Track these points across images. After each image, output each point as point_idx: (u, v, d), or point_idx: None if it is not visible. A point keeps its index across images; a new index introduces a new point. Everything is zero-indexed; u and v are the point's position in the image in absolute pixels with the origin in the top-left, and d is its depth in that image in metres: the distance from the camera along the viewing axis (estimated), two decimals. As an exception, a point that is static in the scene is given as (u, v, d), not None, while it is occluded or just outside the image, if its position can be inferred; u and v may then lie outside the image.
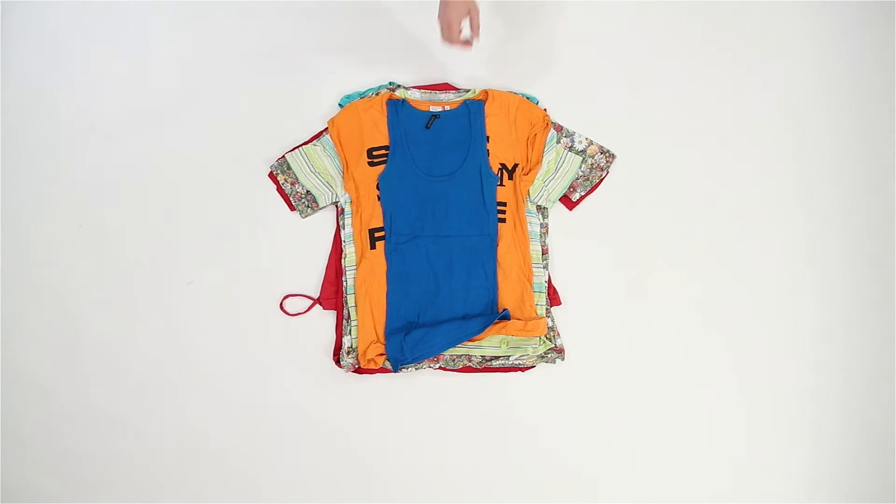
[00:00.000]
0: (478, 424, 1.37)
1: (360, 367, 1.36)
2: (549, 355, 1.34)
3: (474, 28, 1.27)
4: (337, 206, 1.42)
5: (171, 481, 1.39)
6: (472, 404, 1.38)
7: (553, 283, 1.39)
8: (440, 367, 1.36)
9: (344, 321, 1.38)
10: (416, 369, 1.36)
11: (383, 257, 1.37)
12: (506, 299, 1.35)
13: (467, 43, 1.30)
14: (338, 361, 1.37)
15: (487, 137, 1.39)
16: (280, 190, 1.43)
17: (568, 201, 1.42)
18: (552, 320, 1.36)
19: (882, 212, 1.39)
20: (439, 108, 1.42)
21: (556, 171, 1.39)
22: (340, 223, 1.41)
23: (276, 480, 1.38)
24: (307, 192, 1.41)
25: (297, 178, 1.41)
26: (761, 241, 1.40)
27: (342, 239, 1.40)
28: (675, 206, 1.41)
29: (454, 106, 1.42)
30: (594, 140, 1.41)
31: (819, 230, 1.40)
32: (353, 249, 1.39)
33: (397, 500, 1.36)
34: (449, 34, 1.26)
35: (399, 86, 1.45)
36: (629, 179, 1.42)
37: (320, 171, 1.41)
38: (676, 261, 1.40)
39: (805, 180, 1.41)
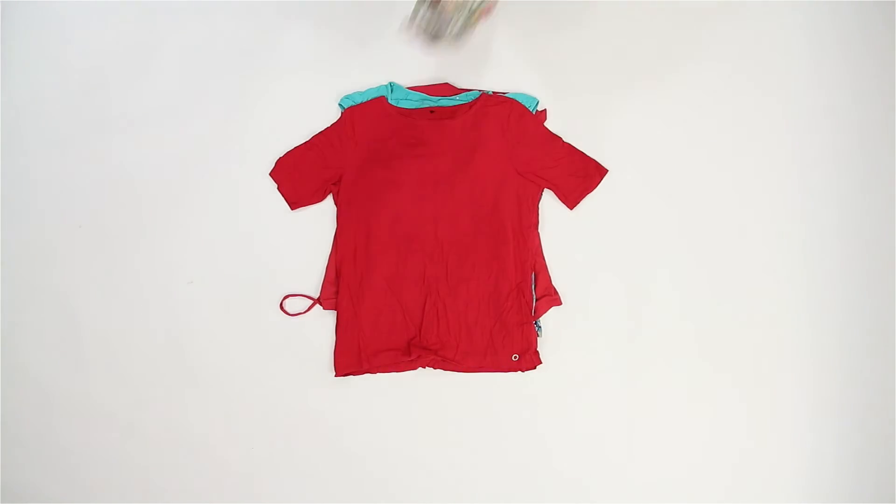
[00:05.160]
0: (477, 424, 1.37)
1: (360, 367, 1.36)
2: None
3: None
4: (337, 206, 1.42)
5: (171, 481, 1.39)
6: (472, 404, 1.37)
7: (553, 283, 1.39)
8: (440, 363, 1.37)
9: (344, 321, 1.38)
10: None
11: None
12: None
13: None
14: (338, 361, 1.37)
15: None
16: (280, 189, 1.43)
17: (568, 201, 1.41)
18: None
19: (883, 213, 1.39)
20: None
21: None
22: (340, 223, 1.41)
23: (276, 480, 1.38)
24: (307, 191, 1.41)
25: (297, 178, 1.42)
26: (762, 241, 1.40)
27: (342, 239, 1.40)
28: (675, 207, 1.41)
29: None
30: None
31: (819, 232, 1.40)
32: (353, 249, 1.39)
33: (397, 500, 1.36)
34: None
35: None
36: (629, 180, 1.42)
37: (320, 171, 1.41)
38: (676, 261, 1.40)
39: (806, 183, 1.41)
